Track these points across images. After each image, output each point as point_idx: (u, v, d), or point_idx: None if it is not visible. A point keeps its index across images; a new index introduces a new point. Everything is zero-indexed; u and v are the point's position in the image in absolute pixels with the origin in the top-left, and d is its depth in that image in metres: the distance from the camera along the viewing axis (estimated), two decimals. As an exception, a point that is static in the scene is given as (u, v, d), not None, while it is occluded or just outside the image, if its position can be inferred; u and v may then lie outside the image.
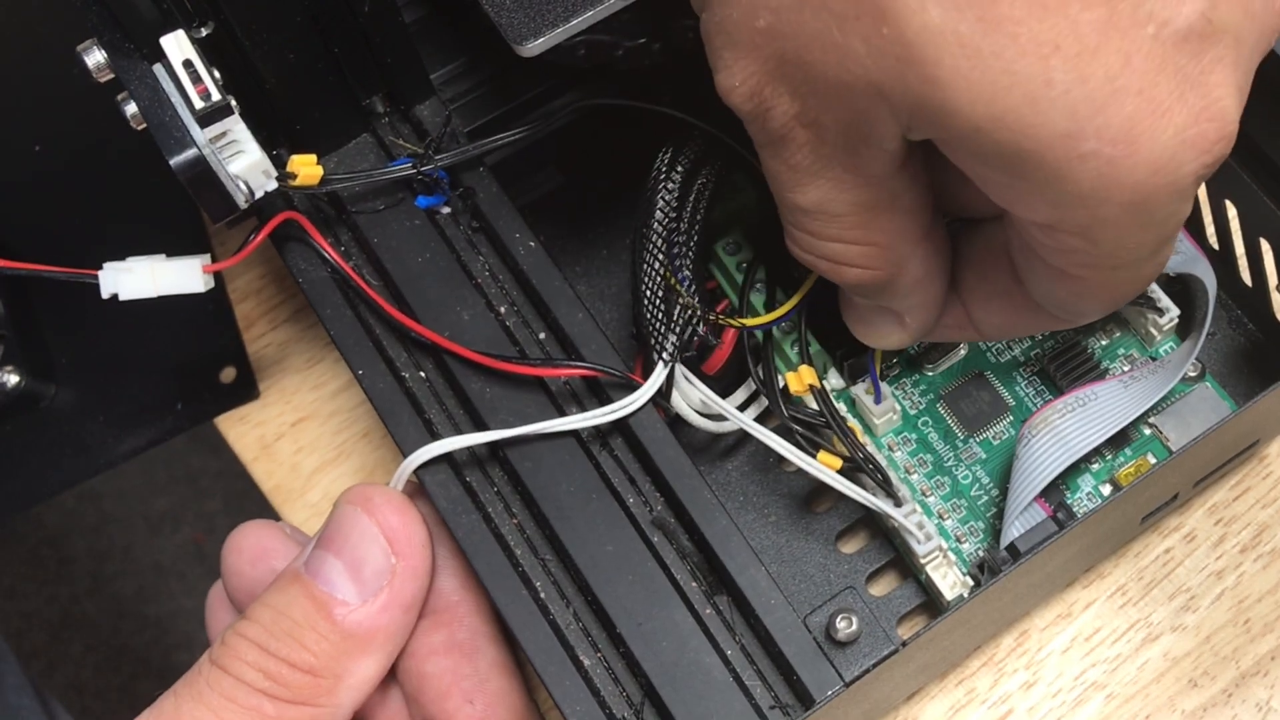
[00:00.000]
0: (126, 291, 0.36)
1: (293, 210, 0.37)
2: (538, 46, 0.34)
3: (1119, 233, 0.29)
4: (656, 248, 0.37)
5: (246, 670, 0.33)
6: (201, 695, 0.33)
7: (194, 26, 0.35)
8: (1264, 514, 0.41)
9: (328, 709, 0.33)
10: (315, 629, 0.33)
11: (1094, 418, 0.38)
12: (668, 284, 0.36)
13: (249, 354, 0.48)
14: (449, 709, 0.35)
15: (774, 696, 0.34)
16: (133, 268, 0.36)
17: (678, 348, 0.36)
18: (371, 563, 0.34)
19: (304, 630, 0.33)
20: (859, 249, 0.33)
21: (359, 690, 0.34)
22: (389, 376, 0.37)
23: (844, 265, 0.33)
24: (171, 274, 0.36)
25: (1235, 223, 0.40)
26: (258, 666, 0.33)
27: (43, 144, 0.51)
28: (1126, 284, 0.32)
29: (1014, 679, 0.40)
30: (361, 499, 0.35)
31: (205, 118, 0.34)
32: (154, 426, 0.47)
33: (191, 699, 0.33)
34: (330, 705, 0.33)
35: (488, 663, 0.36)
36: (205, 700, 0.33)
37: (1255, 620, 0.40)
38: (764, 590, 0.34)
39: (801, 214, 0.32)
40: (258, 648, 0.33)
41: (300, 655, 0.33)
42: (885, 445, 0.40)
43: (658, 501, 0.35)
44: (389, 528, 0.34)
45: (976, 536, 0.39)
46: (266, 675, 0.33)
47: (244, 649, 0.33)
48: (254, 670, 0.33)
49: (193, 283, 0.36)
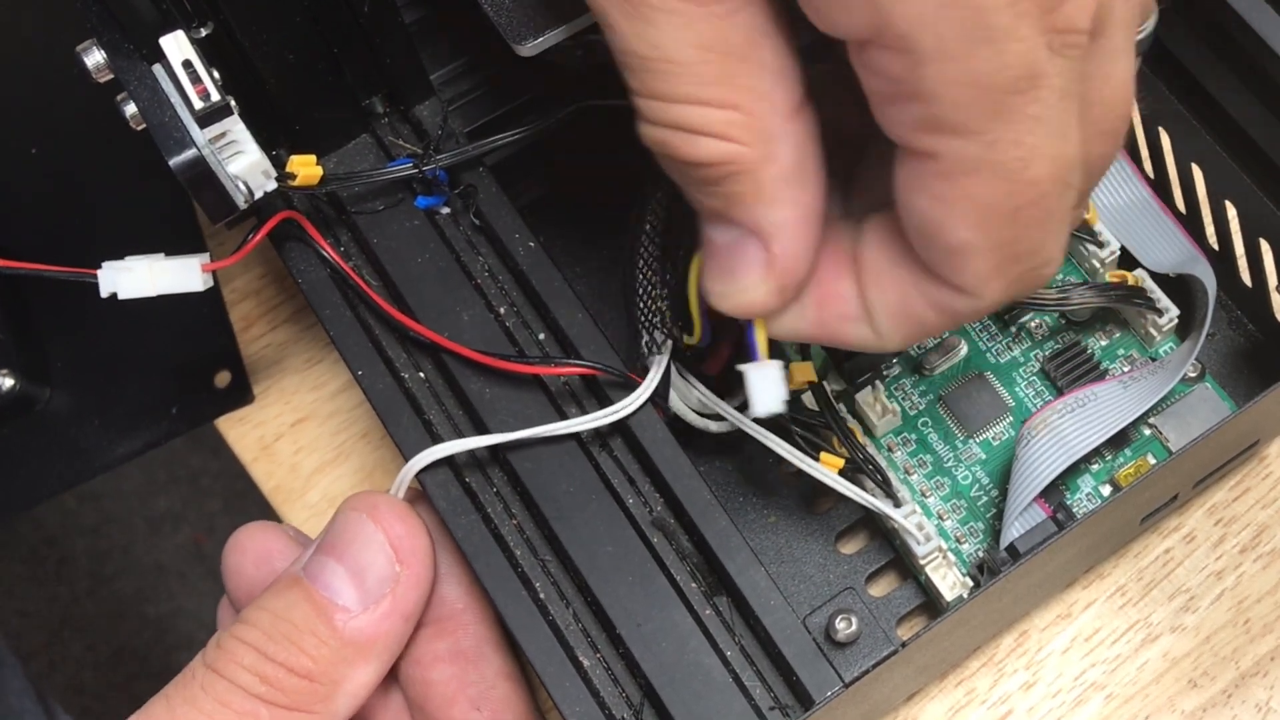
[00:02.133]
0: (125, 290, 0.36)
1: (292, 210, 0.37)
2: (537, 46, 0.34)
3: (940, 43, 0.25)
4: (650, 253, 0.37)
5: (242, 674, 0.32)
6: (195, 699, 0.32)
7: (193, 27, 0.35)
8: (1264, 514, 0.41)
9: (323, 716, 0.33)
10: (315, 634, 0.33)
11: (1094, 418, 0.38)
12: (655, 283, 0.36)
13: (246, 356, 0.48)
14: (455, 716, 0.35)
15: (773, 697, 0.34)
16: (132, 267, 0.36)
17: (663, 340, 0.36)
18: (375, 570, 0.34)
19: (303, 635, 0.33)
20: (718, 112, 0.28)
21: (355, 698, 0.34)
22: (388, 377, 0.37)
23: (700, 135, 0.28)
24: (170, 273, 0.36)
25: (1235, 223, 0.40)
26: (254, 670, 0.32)
27: (39, 145, 0.51)
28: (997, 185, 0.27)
29: (1014, 679, 0.40)
30: (367, 506, 0.34)
31: (205, 118, 0.34)
32: (149, 430, 0.47)
33: (185, 702, 0.32)
34: (326, 713, 0.33)
35: (493, 670, 0.36)
36: (199, 704, 0.32)
37: (1255, 621, 0.40)
38: (763, 591, 0.34)
39: (645, 71, 0.28)
40: (255, 651, 0.33)
41: (298, 660, 0.33)
42: (885, 446, 0.40)
43: (657, 502, 0.35)
44: (394, 535, 0.34)
45: (976, 537, 0.39)
46: (263, 680, 0.32)
47: (240, 653, 0.33)
48: (250, 674, 0.32)
49: (192, 281, 0.36)
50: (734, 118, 0.28)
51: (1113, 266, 0.41)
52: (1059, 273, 0.42)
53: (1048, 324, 0.42)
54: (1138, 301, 0.40)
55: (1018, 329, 0.41)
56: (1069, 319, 0.41)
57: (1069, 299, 0.39)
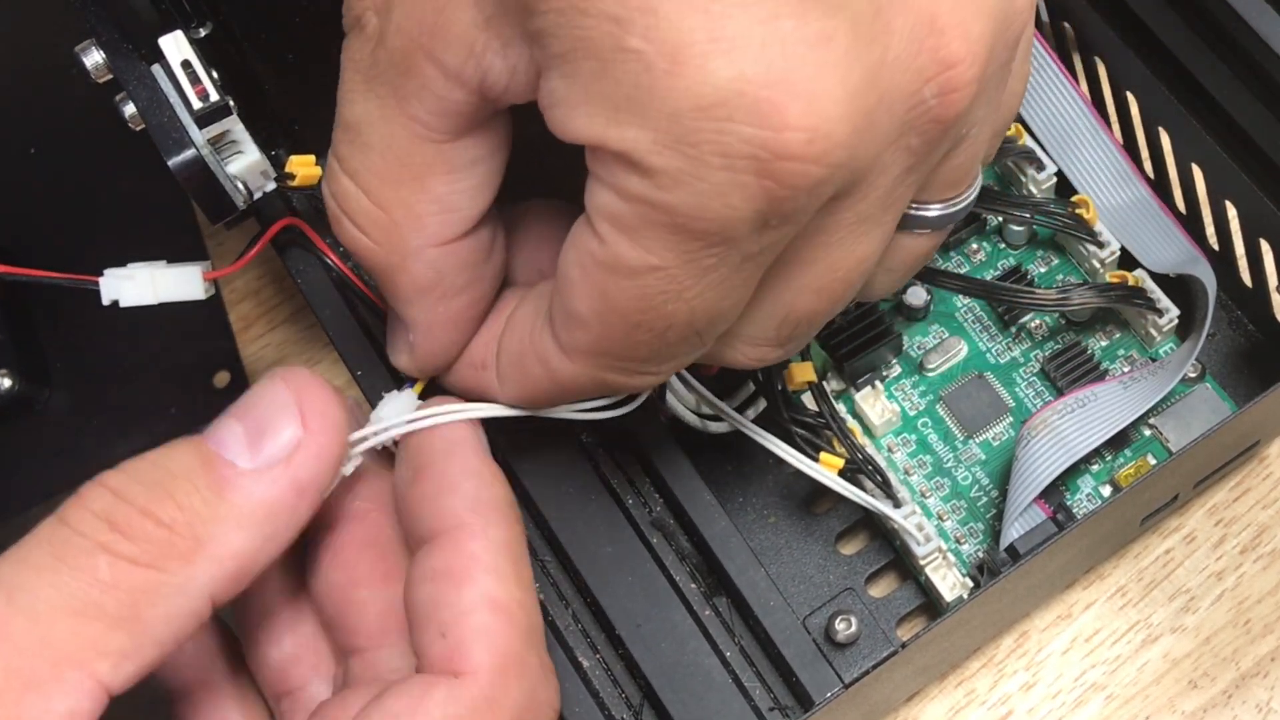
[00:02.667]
0: (127, 299, 0.36)
1: (292, 215, 0.37)
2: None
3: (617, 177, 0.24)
4: None
5: (88, 520, 0.26)
6: (28, 556, 0.26)
7: (192, 27, 0.35)
8: (1264, 515, 0.41)
9: (178, 579, 0.27)
10: (190, 480, 0.27)
11: (1094, 419, 0.38)
12: None
13: (245, 356, 0.48)
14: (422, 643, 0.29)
15: (773, 698, 0.33)
16: (133, 275, 0.36)
17: None
18: (273, 431, 0.28)
19: (176, 480, 0.27)
20: (367, 206, 0.28)
21: (219, 566, 0.27)
22: (388, 377, 0.37)
23: (345, 216, 0.29)
24: (171, 281, 0.36)
25: (1235, 223, 0.40)
26: (104, 515, 0.27)
27: (39, 145, 0.51)
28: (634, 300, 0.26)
29: (1014, 680, 0.40)
30: (285, 371, 0.29)
31: (204, 118, 0.34)
32: (148, 431, 0.47)
33: (14, 562, 0.26)
34: (181, 575, 0.27)
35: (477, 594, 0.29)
36: (30, 560, 0.26)
37: (1255, 621, 0.40)
38: (763, 591, 0.34)
39: (342, 129, 0.28)
40: (111, 493, 0.27)
41: (162, 505, 0.27)
42: (885, 446, 0.40)
43: (657, 502, 0.35)
44: (304, 401, 0.29)
45: (976, 538, 0.39)
46: (112, 526, 0.26)
47: (94, 496, 0.27)
48: (98, 520, 0.26)
49: (193, 290, 0.36)
50: (379, 219, 0.29)
51: (1113, 267, 0.41)
52: (1059, 273, 0.42)
53: (1048, 324, 0.42)
54: (1138, 302, 0.40)
55: (1018, 329, 0.41)
56: (1069, 319, 0.41)
57: (1069, 299, 0.39)
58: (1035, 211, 0.40)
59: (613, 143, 0.24)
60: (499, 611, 0.29)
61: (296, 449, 0.28)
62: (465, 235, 0.29)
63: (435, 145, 0.28)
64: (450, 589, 0.29)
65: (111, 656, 0.26)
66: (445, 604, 0.29)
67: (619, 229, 0.25)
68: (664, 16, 0.23)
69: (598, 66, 0.24)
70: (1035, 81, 0.42)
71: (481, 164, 0.28)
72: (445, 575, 0.29)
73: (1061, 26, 0.42)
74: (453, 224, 0.29)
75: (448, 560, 0.29)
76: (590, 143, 0.25)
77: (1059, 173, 0.42)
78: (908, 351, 0.41)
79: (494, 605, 0.29)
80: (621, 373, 0.28)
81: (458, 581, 0.29)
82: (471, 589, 0.29)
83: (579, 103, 0.24)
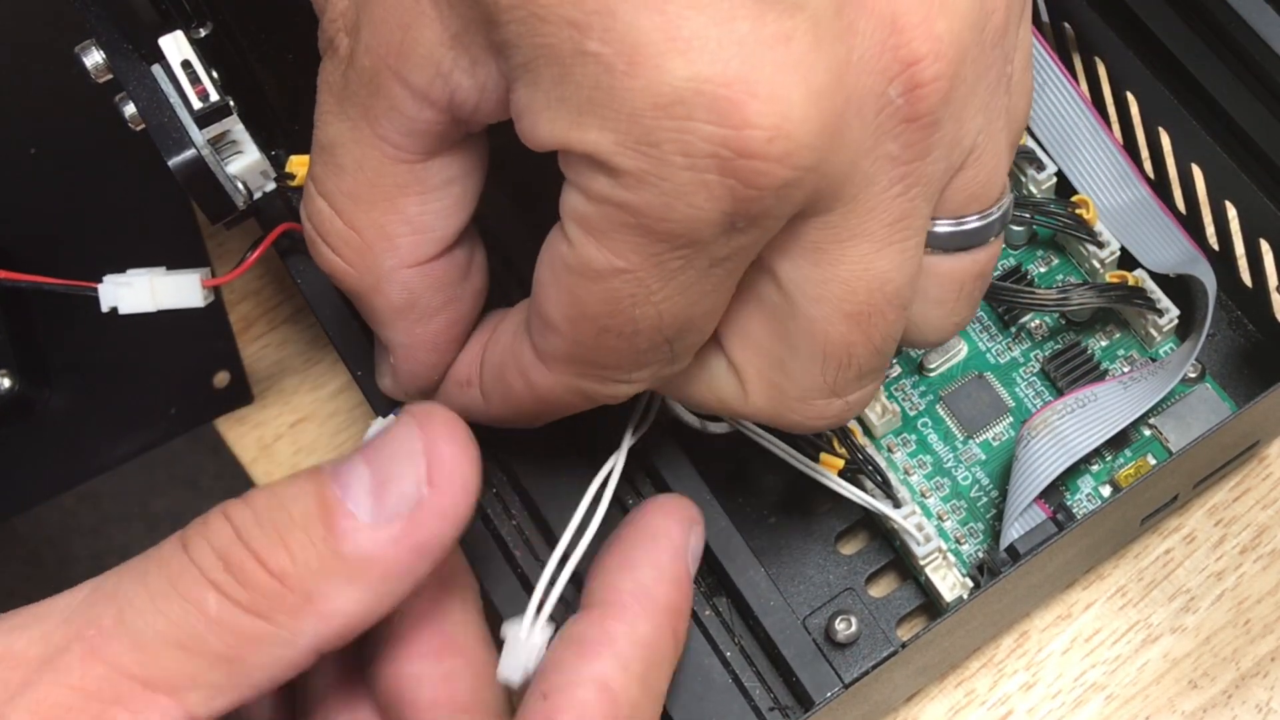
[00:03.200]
0: (126, 306, 0.36)
1: (292, 220, 0.37)
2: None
3: (589, 182, 0.24)
4: None
5: (207, 554, 0.27)
6: (145, 575, 0.27)
7: (193, 27, 0.35)
8: (1264, 515, 0.41)
9: (284, 632, 0.27)
10: (307, 532, 0.27)
11: (1094, 419, 0.38)
12: None
13: (245, 356, 0.48)
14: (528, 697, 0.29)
15: (773, 698, 0.33)
16: (131, 282, 0.35)
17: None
18: (397, 482, 0.27)
19: (293, 529, 0.27)
20: (340, 227, 0.28)
21: (326, 624, 0.27)
22: (388, 377, 0.37)
23: (320, 238, 0.29)
24: (170, 289, 0.36)
25: (1235, 223, 0.40)
26: (221, 553, 0.27)
27: (39, 145, 0.51)
28: (604, 305, 0.26)
29: (1013, 680, 0.40)
30: (422, 413, 0.28)
31: (204, 118, 0.34)
32: (148, 431, 0.47)
33: (134, 578, 0.27)
34: (287, 629, 0.27)
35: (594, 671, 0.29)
36: (147, 581, 0.27)
37: (1255, 621, 0.40)
38: (763, 591, 0.34)
39: (317, 150, 0.28)
40: (232, 530, 0.27)
41: (275, 554, 0.27)
42: (884, 446, 0.40)
43: (657, 503, 0.35)
44: (435, 453, 0.28)
45: (976, 538, 0.39)
46: (227, 566, 0.26)
47: (216, 529, 0.27)
48: (214, 556, 0.27)
49: (192, 298, 0.36)
50: (352, 241, 0.29)
51: (1113, 267, 0.41)
52: (1059, 273, 0.42)
53: (1048, 324, 0.42)
54: (1138, 302, 0.40)
55: (1018, 329, 0.41)
56: (1069, 319, 0.41)
57: (1069, 299, 0.39)
58: (1035, 211, 0.40)
59: (576, 145, 0.24)
60: (606, 696, 0.29)
61: (419, 506, 0.27)
62: (439, 256, 0.29)
63: (407, 165, 0.28)
64: (573, 656, 0.29)
65: (205, 690, 0.26)
66: (563, 668, 0.29)
67: (586, 231, 0.25)
68: (620, 18, 0.23)
69: (559, 71, 0.24)
70: (1035, 81, 0.41)
71: (455, 184, 0.29)
72: (578, 642, 0.30)
73: (1061, 26, 0.42)
74: (426, 245, 0.29)
75: (587, 630, 0.30)
76: (556, 146, 0.25)
77: (1059, 173, 0.42)
78: (908, 352, 0.41)
79: (604, 689, 0.29)
80: (596, 380, 0.28)
81: (583, 652, 0.29)
82: (591, 665, 0.29)
83: (543, 108, 0.24)
